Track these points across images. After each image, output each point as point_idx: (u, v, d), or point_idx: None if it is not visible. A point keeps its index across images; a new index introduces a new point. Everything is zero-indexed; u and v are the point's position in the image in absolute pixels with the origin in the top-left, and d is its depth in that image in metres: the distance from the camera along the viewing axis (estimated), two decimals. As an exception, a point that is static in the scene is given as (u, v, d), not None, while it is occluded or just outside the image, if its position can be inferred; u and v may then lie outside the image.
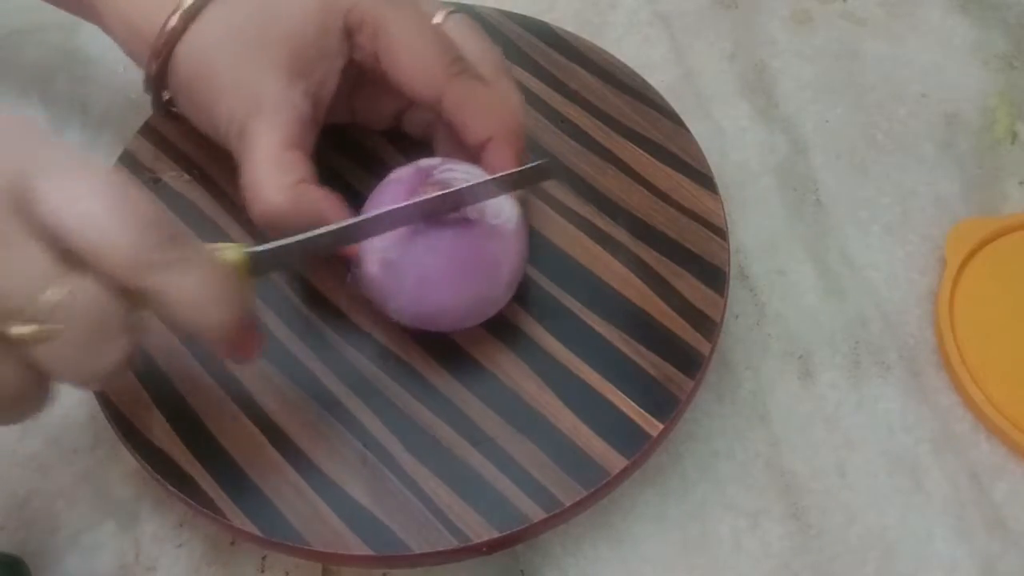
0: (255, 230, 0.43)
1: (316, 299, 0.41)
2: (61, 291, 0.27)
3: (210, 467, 0.37)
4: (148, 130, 0.46)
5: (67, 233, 0.27)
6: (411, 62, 0.39)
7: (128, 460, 0.40)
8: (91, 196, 0.27)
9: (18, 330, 0.27)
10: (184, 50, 0.39)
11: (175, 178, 0.45)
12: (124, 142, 0.46)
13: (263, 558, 0.39)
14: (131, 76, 0.52)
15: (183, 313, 0.30)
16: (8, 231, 0.26)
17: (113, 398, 0.38)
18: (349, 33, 0.39)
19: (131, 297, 0.29)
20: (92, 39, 0.55)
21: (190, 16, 0.39)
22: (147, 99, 0.44)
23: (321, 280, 0.42)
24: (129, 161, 0.45)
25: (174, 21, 0.39)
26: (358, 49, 0.40)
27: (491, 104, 0.39)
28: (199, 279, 0.29)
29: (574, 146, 0.46)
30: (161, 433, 0.38)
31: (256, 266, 0.33)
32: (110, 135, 0.49)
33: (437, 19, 0.40)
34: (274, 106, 0.38)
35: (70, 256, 0.27)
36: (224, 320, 0.30)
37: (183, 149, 0.46)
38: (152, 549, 0.39)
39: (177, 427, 0.38)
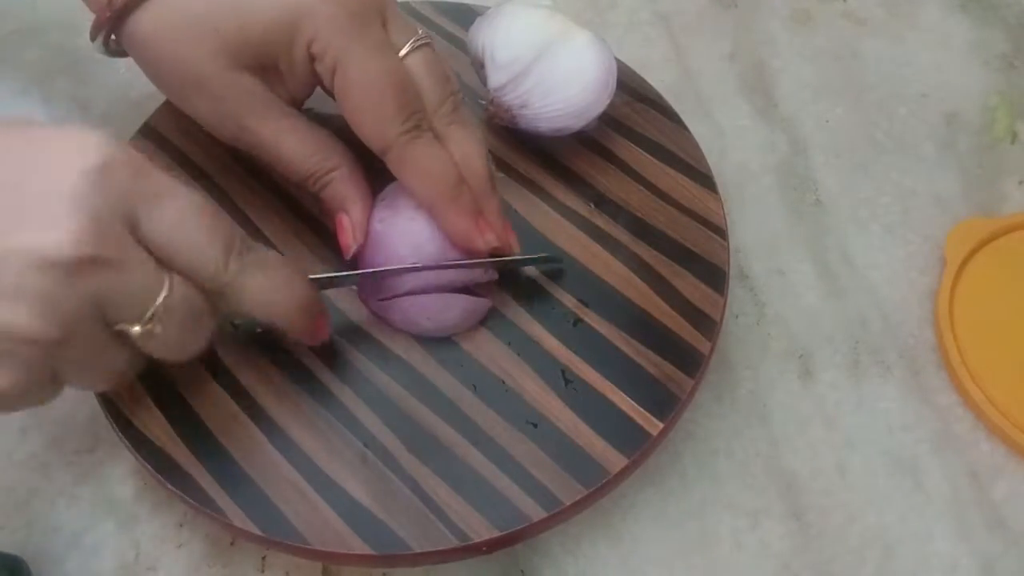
0: (255, 229, 0.43)
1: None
2: (162, 297, 0.33)
3: (210, 467, 0.37)
4: (148, 130, 0.46)
5: (172, 252, 0.33)
6: (364, 114, 0.38)
7: (128, 460, 0.40)
8: (186, 219, 0.33)
9: (133, 329, 0.33)
10: (140, 29, 0.39)
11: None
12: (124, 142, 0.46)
13: (263, 558, 0.39)
14: (131, 76, 0.52)
15: (259, 303, 0.36)
16: (129, 253, 0.32)
17: (114, 398, 0.38)
18: (311, 58, 0.39)
19: (212, 294, 0.35)
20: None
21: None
22: (147, 99, 0.44)
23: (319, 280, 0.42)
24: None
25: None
26: (318, 74, 0.39)
27: (433, 171, 0.39)
28: (269, 275, 0.36)
29: (574, 145, 0.46)
30: (161, 433, 0.38)
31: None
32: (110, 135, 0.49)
33: (404, 51, 0.39)
34: (264, 100, 0.40)
35: (164, 265, 0.33)
36: (292, 307, 0.36)
37: (183, 149, 0.46)
38: (152, 549, 0.39)
39: (177, 427, 0.38)
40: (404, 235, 0.40)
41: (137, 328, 0.33)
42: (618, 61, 0.45)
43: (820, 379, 0.44)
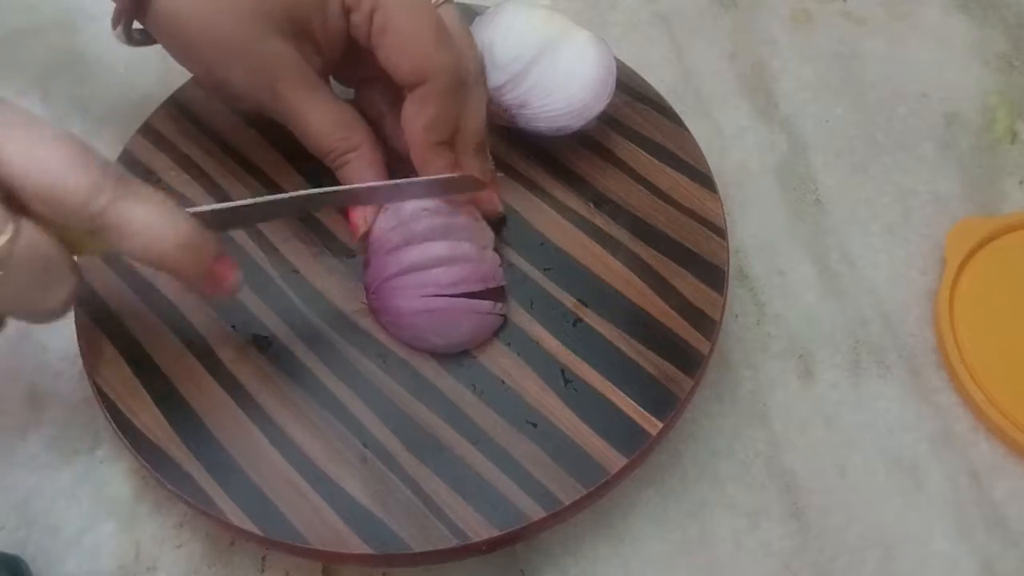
0: (254, 230, 0.43)
1: (316, 299, 0.41)
2: (4, 237, 0.30)
3: (210, 466, 0.37)
4: (148, 130, 0.46)
5: (22, 179, 0.30)
6: (404, 48, 0.38)
7: (128, 460, 0.40)
8: (45, 145, 0.30)
9: None
10: (168, 5, 0.39)
11: (175, 177, 0.45)
12: (124, 142, 0.46)
13: (263, 558, 0.39)
14: (131, 76, 0.52)
15: (142, 242, 0.32)
16: None
17: (114, 398, 0.38)
18: (347, 9, 0.39)
19: (76, 240, 0.32)
20: (92, 39, 0.55)
21: None
22: (147, 99, 0.44)
23: (321, 279, 0.42)
24: (129, 160, 0.45)
25: None
26: (353, 26, 0.40)
27: (439, 121, 0.39)
28: (150, 208, 0.32)
29: (574, 145, 0.46)
30: (161, 433, 0.38)
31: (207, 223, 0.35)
32: (110, 135, 0.49)
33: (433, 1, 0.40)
34: (297, 67, 0.39)
35: (12, 203, 0.30)
36: (182, 245, 0.33)
37: (183, 149, 0.46)
38: (152, 549, 0.39)
39: (177, 427, 0.38)
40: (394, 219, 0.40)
41: None
42: (618, 61, 0.45)
43: (820, 379, 0.44)
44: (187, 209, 0.34)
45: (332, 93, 0.41)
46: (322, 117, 0.40)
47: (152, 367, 0.39)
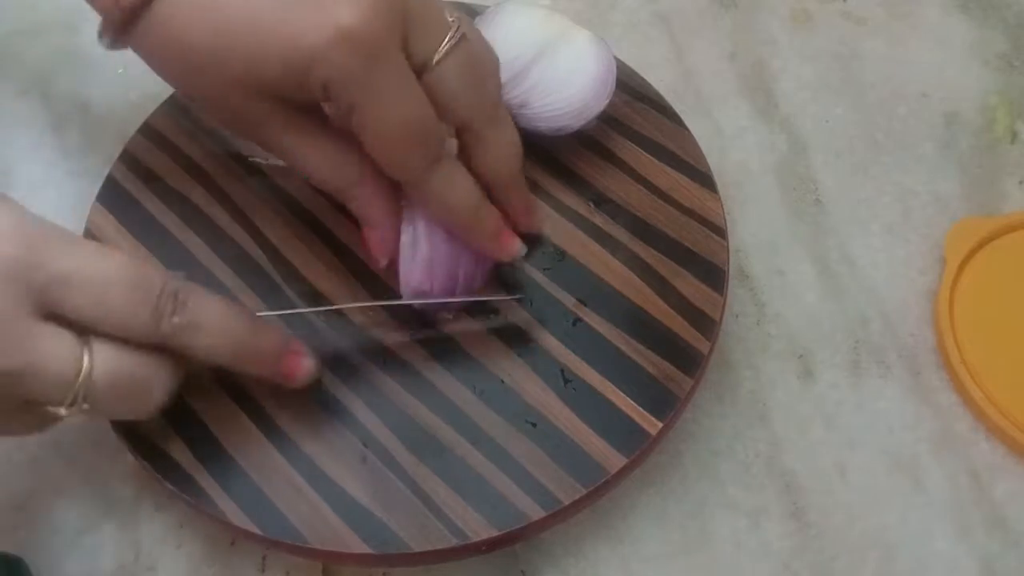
0: (255, 231, 0.43)
1: (316, 298, 0.41)
2: (83, 376, 0.32)
3: (210, 467, 0.37)
4: (148, 130, 0.46)
5: (93, 322, 0.32)
6: (382, 155, 0.36)
7: (128, 460, 0.40)
8: (101, 299, 0.32)
9: (62, 412, 0.32)
10: (146, 47, 0.37)
11: (175, 177, 0.45)
12: (124, 142, 0.46)
13: (263, 558, 0.39)
14: (131, 76, 0.52)
15: (209, 351, 0.35)
16: (36, 354, 0.31)
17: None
18: (325, 98, 0.36)
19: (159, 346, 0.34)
20: (92, 39, 0.54)
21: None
22: (147, 99, 0.44)
23: (321, 279, 0.42)
24: (129, 160, 0.45)
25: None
26: (336, 115, 0.37)
27: (452, 202, 0.38)
28: (213, 319, 0.34)
29: (573, 145, 0.46)
30: (161, 433, 0.38)
31: None
32: (110, 135, 0.49)
33: (442, 48, 0.36)
34: (282, 116, 0.37)
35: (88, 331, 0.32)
36: (249, 348, 0.35)
37: (183, 149, 0.46)
38: (152, 549, 0.39)
39: (177, 427, 0.38)
40: (422, 260, 0.39)
41: (63, 411, 0.32)
42: (618, 61, 0.45)
43: (820, 379, 0.44)
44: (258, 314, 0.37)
45: (326, 131, 0.38)
46: (317, 160, 0.38)
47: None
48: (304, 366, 0.37)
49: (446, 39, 0.36)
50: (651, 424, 0.38)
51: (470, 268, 0.40)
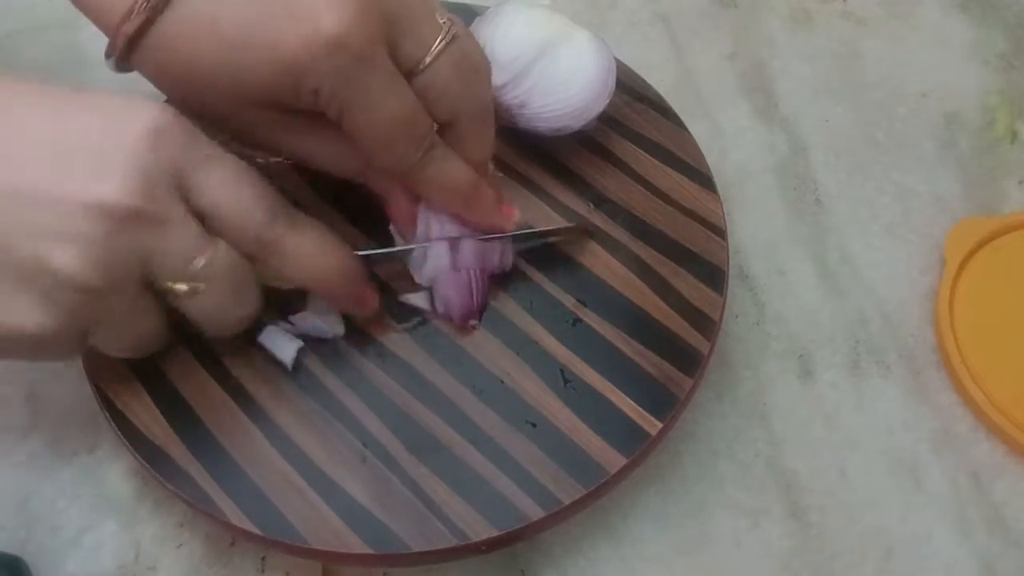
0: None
1: (316, 298, 0.41)
2: (206, 257, 0.34)
3: (210, 466, 0.37)
4: (148, 130, 0.46)
5: (217, 209, 0.35)
6: (375, 153, 0.38)
7: (128, 460, 0.40)
8: (232, 183, 0.35)
9: (178, 287, 0.35)
10: (148, 67, 0.38)
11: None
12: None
13: (263, 558, 0.39)
14: (131, 76, 0.52)
15: (307, 267, 0.37)
16: (175, 212, 0.34)
17: (114, 398, 0.38)
18: (315, 101, 0.36)
19: (260, 261, 0.36)
20: (92, 39, 0.54)
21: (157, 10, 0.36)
22: (147, 99, 0.44)
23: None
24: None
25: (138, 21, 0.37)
26: (326, 114, 0.37)
27: (449, 185, 0.39)
28: (315, 238, 0.37)
29: (573, 145, 0.46)
30: (161, 432, 0.38)
31: None
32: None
33: (434, 49, 0.36)
34: (287, 124, 0.39)
35: (210, 229, 0.35)
36: (334, 272, 0.38)
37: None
38: (152, 549, 0.39)
39: (177, 426, 0.38)
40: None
41: (182, 286, 0.35)
42: (618, 61, 0.45)
43: (820, 379, 0.44)
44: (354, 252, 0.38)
45: (322, 122, 0.38)
46: (329, 153, 0.40)
47: (152, 367, 0.39)
48: (374, 300, 0.40)
49: (438, 40, 0.37)
50: (651, 424, 0.38)
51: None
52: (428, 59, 0.37)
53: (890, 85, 0.54)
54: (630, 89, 0.48)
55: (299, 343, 0.40)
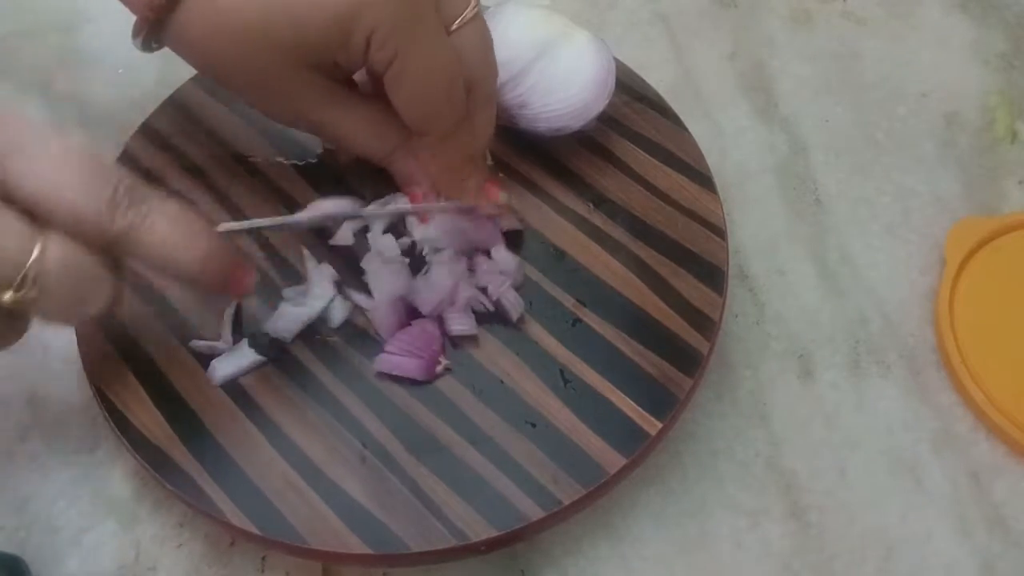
0: (256, 231, 0.43)
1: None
2: (34, 259, 0.30)
3: (209, 467, 0.37)
4: (148, 130, 0.46)
5: (45, 204, 0.31)
6: (414, 106, 0.39)
7: (128, 460, 0.40)
8: (58, 165, 0.31)
9: (6, 297, 0.31)
10: (186, 33, 0.38)
11: (175, 177, 0.45)
12: (124, 142, 0.46)
13: (263, 558, 0.39)
14: (131, 76, 0.52)
15: (160, 251, 0.33)
16: None
17: (113, 398, 0.38)
18: (368, 46, 0.37)
19: (107, 248, 0.32)
20: (92, 39, 0.55)
21: None
22: (147, 99, 0.44)
23: (322, 280, 0.42)
24: (129, 160, 0.45)
25: None
26: (371, 61, 0.38)
27: (454, 165, 0.40)
28: (166, 219, 0.33)
29: (573, 146, 0.46)
30: (161, 433, 0.38)
31: None
32: (110, 135, 0.49)
33: (466, 15, 0.38)
34: (321, 89, 0.39)
35: (36, 219, 0.31)
36: (196, 257, 0.34)
37: (183, 149, 0.46)
38: (152, 549, 0.39)
39: (177, 427, 0.38)
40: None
41: (9, 295, 0.31)
42: (618, 61, 0.45)
43: (820, 379, 0.44)
44: (216, 227, 0.36)
45: (363, 102, 0.41)
46: (355, 130, 0.41)
47: (152, 368, 0.39)
48: (249, 280, 0.36)
49: (468, 8, 0.38)
50: (651, 424, 0.38)
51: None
52: (459, 23, 0.38)
53: (890, 85, 0.54)
54: (630, 89, 0.48)
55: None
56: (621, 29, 0.56)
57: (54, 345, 0.43)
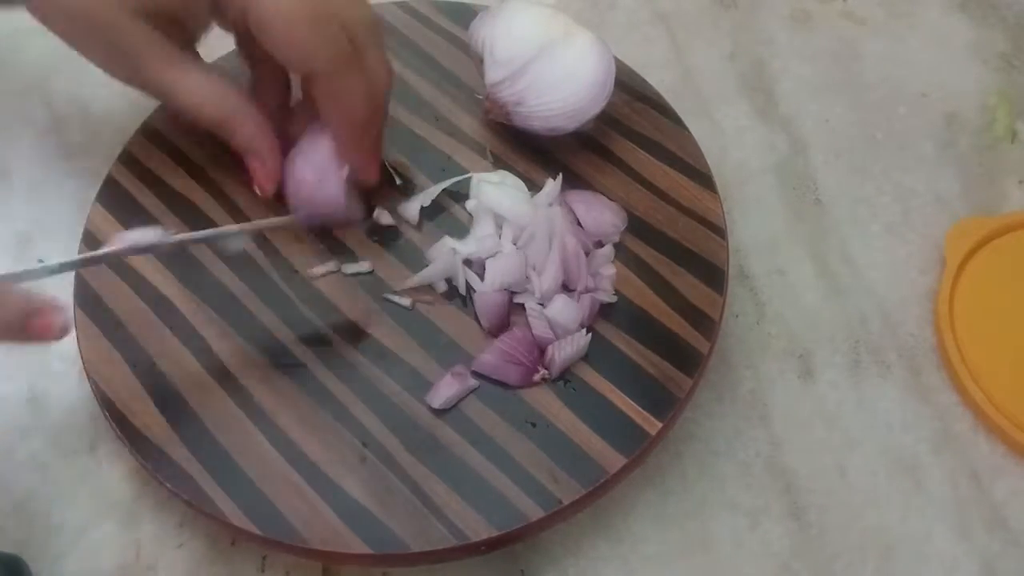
0: (257, 232, 0.43)
1: (316, 299, 0.41)
2: None
3: (210, 467, 0.37)
4: (148, 130, 0.46)
5: None
6: (286, 49, 0.38)
7: (128, 460, 0.40)
8: None
9: None
10: None
11: (175, 178, 0.45)
12: (124, 142, 0.46)
13: (263, 558, 0.39)
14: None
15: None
16: None
17: (114, 398, 0.38)
18: (216, 6, 0.38)
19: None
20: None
21: None
22: (147, 99, 0.44)
23: (322, 280, 0.42)
24: (129, 160, 0.45)
25: None
26: (230, 22, 0.38)
27: (351, 107, 0.39)
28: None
29: (573, 145, 0.46)
30: (161, 433, 0.38)
31: None
32: (110, 135, 0.49)
33: None
34: (159, 47, 0.39)
35: None
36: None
37: (183, 149, 0.46)
38: (152, 549, 0.39)
39: (177, 427, 0.38)
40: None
41: None
42: (618, 61, 0.45)
43: (820, 379, 0.44)
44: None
45: (201, 67, 0.41)
46: (190, 92, 0.40)
47: (152, 368, 0.39)
48: (56, 323, 0.34)
49: None
50: (651, 424, 0.38)
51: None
52: None
53: (890, 85, 0.54)
54: (630, 89, 0.48)
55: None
56: (621, 29, 0.56)
57: (54, 345, 0.43)
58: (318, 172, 0.40)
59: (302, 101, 0.42)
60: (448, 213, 0.44)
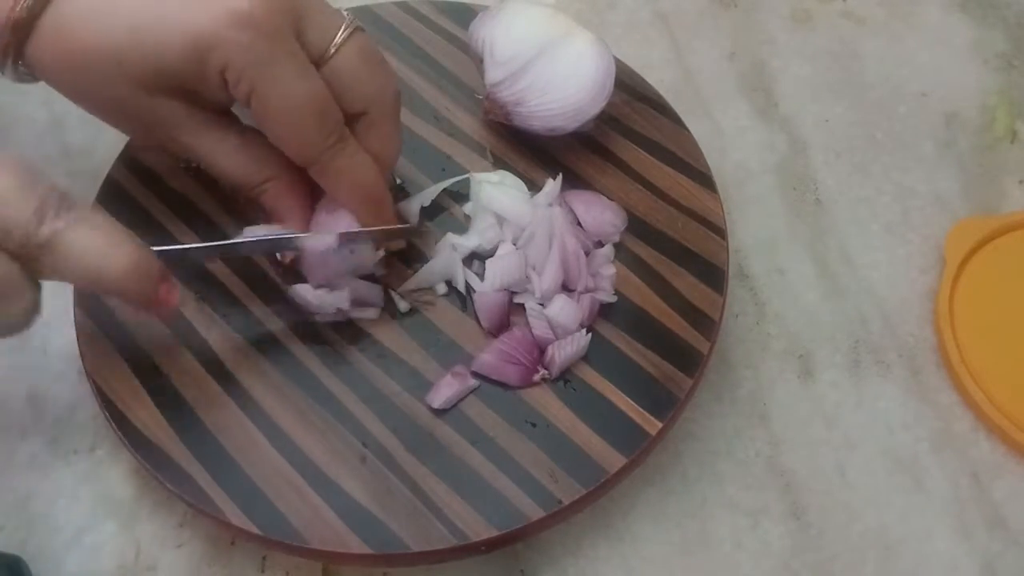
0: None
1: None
2: None
3: (210, 466, 0.37)
4: (148, 130, 0.46)
5: None
6: (285, 137, 0.38)
7: (128, 460, 0.40)
8: None
9: None
10: (41, 59, 0.37)
11: (174, 178, 0.45)
12: (124, 142, 0.46)
13: (263, 558, 0.39)
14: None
15: (86, 267, 0.33)
16: None
17: (114, 398, 0.38)
18: (225, 83, 0.37)
19: (30, 259, 0.32)
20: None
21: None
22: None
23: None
24: (129, 161, 0.45)
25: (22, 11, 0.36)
26: (237, 99, 0.37)
27: (357, 182, 0.39)
28: (95, 234, 0.33)
29: (573, 145, 0.46)
30: (161, 433, 0.38)
31: None
32: (110, 135, 0.48)
33: (337, 39, 0.38)
34: (188, 118, 0.39)
35: None
36: (121, 271, 0.33)
37: (183, 149, 0.46)
38: (152, 549, 0.39)
39: (177, 427, 0.38)
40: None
41: None
42: (618, 61, 0.45)
43: (820, 379, 0.44)
44: (153, 248, 0.35)
45: (235, 128, 0.40)
46: (227, 158, 0.40)
47: (152, 367, 0.39)
48: (175, 297, 0.36)
49: (342, 29, 0.38)
50: (651, 424, 0.38)
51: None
52: (333, 48, 0.38)
53: (890, 85, 0.54)
54: (630, 88, 0.48)
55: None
56: (621, 29, 0.56)
57: (54, 345, 0.43)
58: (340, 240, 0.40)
59: None
60: (448, 213, 0.44)
